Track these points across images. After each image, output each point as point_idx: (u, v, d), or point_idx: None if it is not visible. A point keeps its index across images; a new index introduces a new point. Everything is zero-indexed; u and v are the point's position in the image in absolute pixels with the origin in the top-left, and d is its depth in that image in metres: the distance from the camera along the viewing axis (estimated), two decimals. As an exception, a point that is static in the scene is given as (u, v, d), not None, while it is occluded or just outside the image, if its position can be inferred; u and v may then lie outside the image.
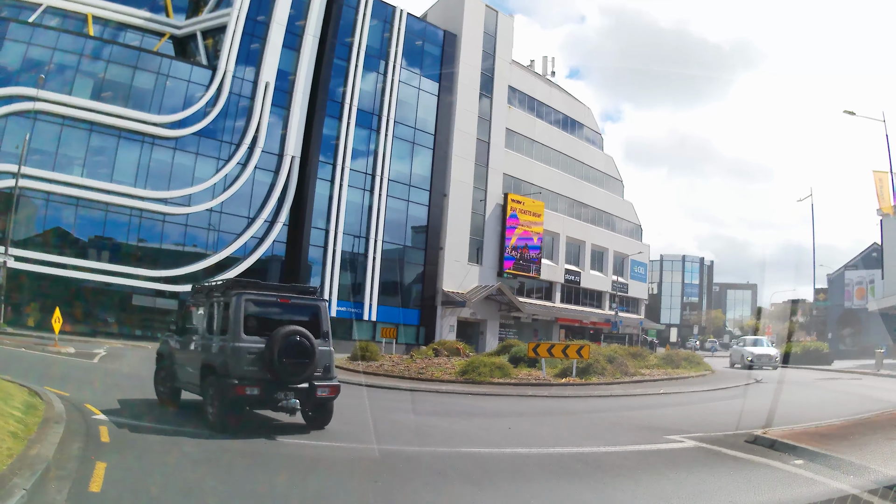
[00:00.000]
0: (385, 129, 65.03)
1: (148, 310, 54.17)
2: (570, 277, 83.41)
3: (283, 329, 15.20)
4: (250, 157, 57.49)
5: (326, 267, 60.58)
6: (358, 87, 63.60)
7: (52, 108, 50.75)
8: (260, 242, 57.67)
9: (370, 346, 41.87)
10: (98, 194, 51.65)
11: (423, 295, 67.49)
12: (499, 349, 44.36)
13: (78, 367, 29.22)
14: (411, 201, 66.88)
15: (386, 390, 28.29)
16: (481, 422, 20.87)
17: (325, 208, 61.14)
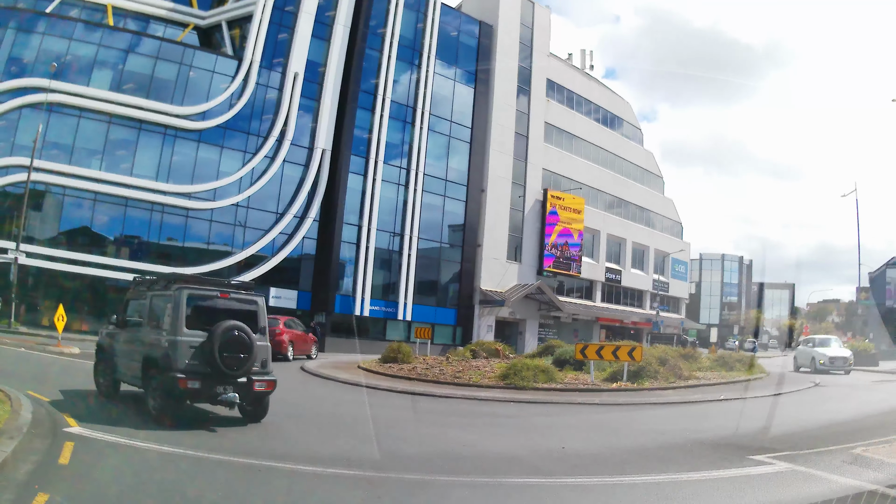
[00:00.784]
0: (420, 123, 59.89)
1: (168, 310, 49.80)
2: (610, 276, 77.74)
3: (224, 324, 14.92)
4: (278, 150, 52.69)
5: (359, 264, 55.54)
6: (391, 79, 58.56)
7: (69, 100, 46.38)
8: (289, 239, 52.80)
9: (403, 347, 36.87)
10: (117, 189, 47.12)
11: (461, 294, 62.26)
12: (540, 350, 39.89)
13: (75, 370, 25.65)
14: (448, 197, 61.67)
15: (417, 397, 24.39)
16: (527, 438, 17.06)
17: (358, 204, 56.17)
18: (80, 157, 46.85)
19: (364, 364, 35.03)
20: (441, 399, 24.28)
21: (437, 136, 61.45)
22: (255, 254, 51.43)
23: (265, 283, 50.93)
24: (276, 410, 16.65)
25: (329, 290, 54.10)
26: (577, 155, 74.88)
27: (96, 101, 47.08)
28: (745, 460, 13.39)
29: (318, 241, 54.66)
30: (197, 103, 50.31)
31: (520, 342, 64.37)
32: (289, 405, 18.84)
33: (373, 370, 32.94)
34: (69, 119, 46.75)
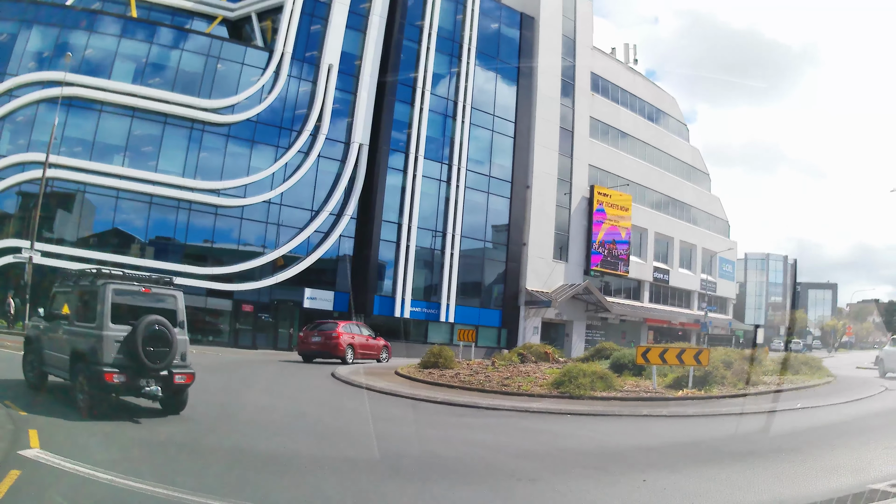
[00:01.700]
0: (462, 116, 54.50)
1: (198, 310, 44.89)
2: (658, 276, 71.74)
3: (147, 318, 14.50)
4: (313, 144, 47.64)
5: (399, 263, 50.38)
6: (431, 72, 53.24)
7: (89, 94, 41.82)
8: (325, 238, 47.69)
9: (444, 351, 31.66)
10: (141, 185, 42.34)
11: (505, 294, 56.67)
12: (591, 353, 34.48)
13: None
14: (491, 193, 56.14)
15: (460, 410, 20.16)
16: (596, 467, 12.51)
17: (398, 201, 50.96)
18: (101, 153, 42.20)
19: (402, 370, 30.39)
20: (487, 413, 19.66)
21: (480, 130, 56.01)
22: (288, 253, 46.50)
23: (299, 284, 46.04)
24: (292, 430, 15.00)
25: (368, 291, 48.94)
26: (623, 151, 68.93)
27: (118, 94, 42.44)
28: (873, 493, 9.44)
29: (356, 240, 49.49)
30: (226, 96, 45.41)
31: (566, 344, 58.72)
32: (308, 424, 16.31)
33: (411, 377, 28.33)
34: (89, 114, 42.30)
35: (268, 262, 45.67)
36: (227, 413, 17.22)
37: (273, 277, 45.55)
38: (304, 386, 26.12)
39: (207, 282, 43.79)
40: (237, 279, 44.65)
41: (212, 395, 18.69)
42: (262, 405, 19.09)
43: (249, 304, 46.09)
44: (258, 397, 21.32)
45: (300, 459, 12.16)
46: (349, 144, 49.24)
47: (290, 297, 47.22)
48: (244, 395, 21.49)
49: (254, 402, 19.75)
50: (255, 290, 45.46)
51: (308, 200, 47.69)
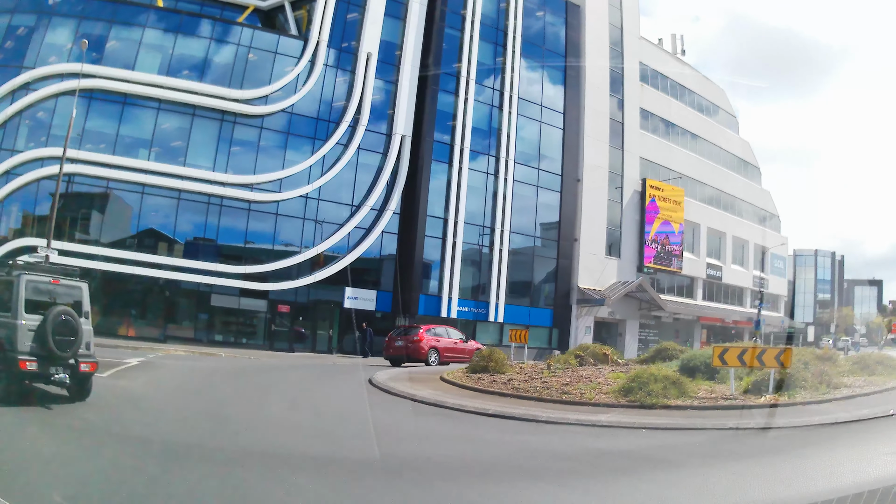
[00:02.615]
0: (509, 107, 49.17)
1: (231, 311, 40.24)
2: (711, 272, 65.49)
3: (55, 308, 14.56)
4: (352, 136, 42.75)
5: (445, 261, 45.14)
6: (475, 60, 47.90)
7: (112, 86, 37.57)
8: (366, 234, 42.66)
9: (495, 354, 26.44)
10: (169, 180, 37.83)
11: (556, 292, 51.11)
12: (652, 354, 29.47)
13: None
14: (541, 187, 50.64)
15: (514, 424, 16.16)
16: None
17: (443, 195, 45.70)
18: (124, 147, 37.77)
19: (449, 375, 25.72)
20: (549, 428, 15.50)
21: (527, 122, 50.59)
22: (327, 251, 41.57)
23: (339, 283, 41.08)
24: (304, 461, 11.17)
25: (412, 290, 43.80)
26: (674, 143, 63.02)
27: (143, 85, 38.03)
28: None
29: (400, 237, 44.35)
30: (258, 86, 40.73)
31: (619, 344, 52.85)
32: (328, 449, 12.63)
33: (459, 383, 23.90)
34: (112, 106, 38.06)
35: (305, 261, 40.79)
36: (221, 430, 13.77)
37: (311, 276, 40.67)
38: (334, 394, 21.98)
39: (241, 281, 39.11)
40: (273, 278, 39.86)
41: (219, 406, 16.82)
42: (277, 419, 15.88)
43: (286, 304, 41.28)
44: (276, 409, 17.80)
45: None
46: (391, 136, 44.28)
47: (330, 296, 42.28)
48: (261, 406, 17.97)
49: (269, 416, 16.29)
50: (291, 289, 40.61)
51: (348, 195, 42.77)
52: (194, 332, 39.32)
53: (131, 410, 15.46)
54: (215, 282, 38.54)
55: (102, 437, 12.03)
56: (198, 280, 38.29)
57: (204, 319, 40.41)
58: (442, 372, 26.98)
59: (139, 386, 19.98)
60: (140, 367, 24.55)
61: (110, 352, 28.27)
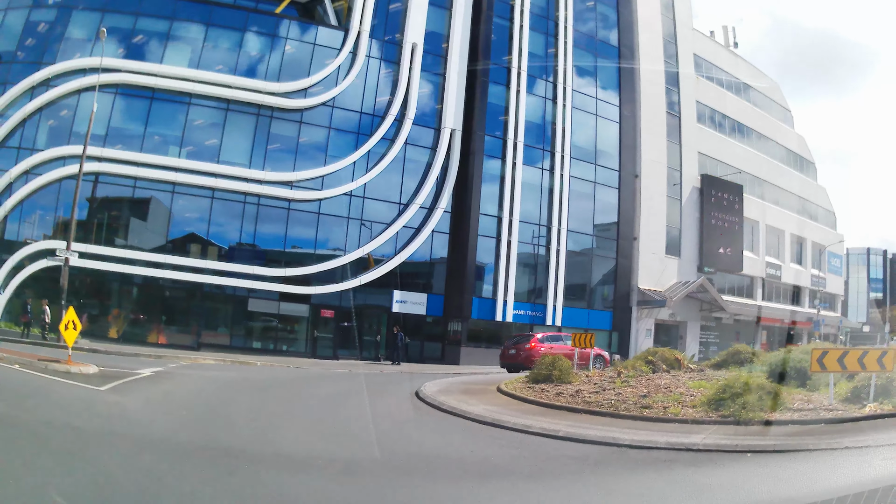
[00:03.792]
0: (563, 99, 43.00)
1: (271, 317, 34.92)
2: (770, 271, 58.83)
3: None
4: (399, 130, 37.28)
5: (500, 261, 39.18)
6: (526, 51, 42.00)
7: (138, 80, 32.68)
8: (415, 234, 37.00)
9: (559, 361, 21.06)
10: (201, 178, 32.70)
11: (616, 294, 45.11)
12: (724, 358, 24.07)
13: (48, 405, 13.85)
14: (598, 183, 44.57)
15: (593, 451, 11.72)
16: None
17: (496, 192, 39.89)
18: (153, 145, 32.88)
19: (507, 385, 20.96)
20: (637, 455, 11.22)
21: (582, 114, 44.45)
22: (373, 251, 36.14)
23: (386, 286, 35.63)
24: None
25: (465, 293, 38.01)
26: (731, 138, 56.68)
27: (172, 79, 33.03)
28: None
29: (451, 236, 38.53)
30: (297, 79, 35.46)
31: (680, 347, 46.62)
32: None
33: (519, 395, 19.12)
34: (139, 102, 33.31)
35: (350, 263, 35.28)
36: (203, 471, 8.82)
37: (357, 279, 35.20)
38: (371, 412, 16.35)
39: (281, 285, 33.71)
40: (315, 281, 34.46)
41: (216, 430, 12.40)
42: (289, 450, 10.95)
43: (329, 309, 35.73)
44: (291, 433, 12.96)
45: None
46: (439, 131, 38.68)
47: (377, 301, 36.76)
48: (272, 430, 13.05)
49: (278, 445, 11.26)
50: (335, 293, 35.08)
51: (395, 193, 37.24)
52: (230, 340, 34.09)
53: (95, 441, 10.23)
54: (253, 285, 33.33)
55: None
56: (234, 284, 33.16)
57: (241, 326, 35.11)
58: (452, 384, 22.73)
59: (134, 402, 15.40)
60: (151, 378, 19.90)
61: (127, 361, 24.01)
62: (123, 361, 23.93)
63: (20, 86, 31.85)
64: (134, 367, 21.87)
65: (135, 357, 26.07)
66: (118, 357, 25.49)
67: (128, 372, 20.15)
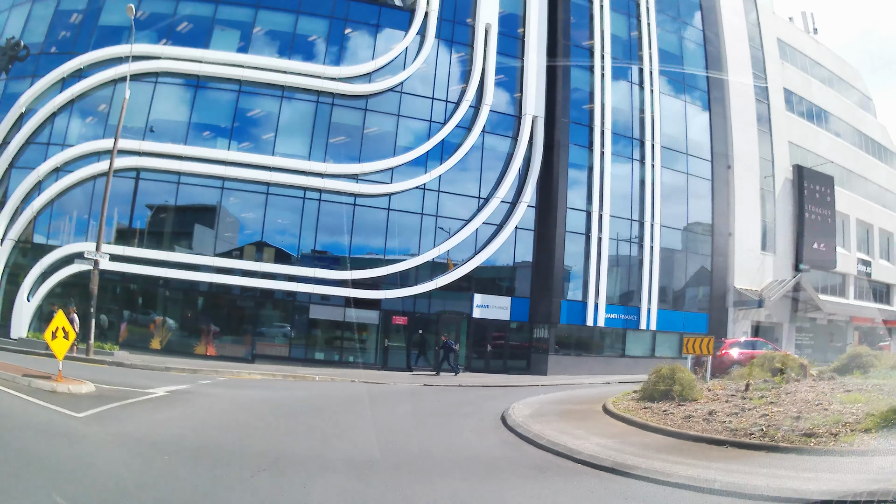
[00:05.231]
0: (650, 84, 35.27)
1: (335, 325, 27.90)
2: (861, 268, 50.15)
3: None
4: (475, 118, 30.19)
5: (590, 259, 31.58)
6: (608, 33, 34.35)
7: (180, 67, 26.46)
8: (497, 231, 29.72)
9: (679, 373, 15.13)
10: (254, 172, 26.09)
11: (711, 294, 37.04)
12: (844, 362, 18.55)
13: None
14: (690, 174, 36.75)
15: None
16: None
17: (584, 184, 32.34)
18: (199, 137, 26.52)
19: (615, 404, 15.42)
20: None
21: (670, 100, 36.47)
22: (450, 250, 29.12)
23: (466, 289, 28.58)
24: None
25: (552, 296, 30.43)
26: (819, 126, 48.40)
27: (219, 65, 26.63)
28: None
29: (536, 233, 31.06)
30: (360, 63, 28.79)
31: (775, 350, 38.92)
32: None
33: (637, 420, 13.42)
34: (183, 90, 27.06)
35: (424, 263, 28.37)
36: None
37: (432, 282, 28.27)
38: (441, 454, 10.77)
39: (347, 289, 26.75)
40: (386, 285, 27.57)
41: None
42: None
43: (402, 315, 28.65)
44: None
45: None
46: (520, 118, 31.46)
47: (455, 305, 29.51)
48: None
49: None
50: (408, 297, 28.17)
51: (473, 186, 30.14)
52: (289, 350, 27.25)
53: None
54: (315, 290, 26.59)
55: None
56: (293, 288, 26.54)
57: (302, 335, 28.14)
58: (545, 406, 16.53)
59: (103, 437, 10.19)
60: (159, 401, 14.56)
61: (149, 376, 18.69)
62: (143, 377, 17.72)
63: (49, 77, 25.99)
64: (149, 385, 16.28)
65: (164, 371, 19.72)
66: (141, 372, 19.34)
67: (135, 391, 15.06)
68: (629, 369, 31.34)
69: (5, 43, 27.95)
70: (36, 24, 27.74)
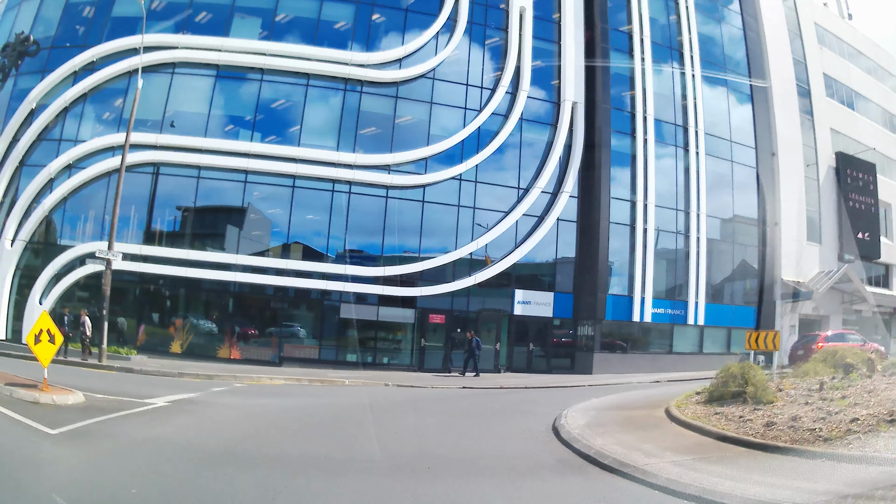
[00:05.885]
0: (691, 68, 31.98)
1: (368, 325, 24.79)
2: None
3: None
4: (512, 104, 27.10)
5: (636, 251, 28.34)
6: (646, 16, 31.14)
7: (199, 56, 23.70)
8: (538, 222, 26.67)
9: (750, 371, 12.16)
10: (279, 164, 23.30)
11: (759, 286, 34.13)
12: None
13: None
14: (735, 162, 33.76)
15: None
16: None
17: (627, 173, 29.07)
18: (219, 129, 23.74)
19: (679, 408, 12.59)
20: None
21: (712, 85, 33.16)
22: (489, 244, 26.11)
23: (505, 285, 25.56)
24: None
25: (597, 290, 27.26)
26: (860, 112, 44.82)
27: (240, 53, 23.86)
28: None
29: (579, 225, 27.82)
30: (388, 48, 25.84)
31: (820, 344, 35.47)
32: None
33: (712, 430, 10.49)
34: (201, 81, 24.10)
35: (462, 258, 25.44)
36: None
37: (470, 278, 25.21)
38: (478, 471, 8.25)
39: (380, 286, 23.96)
40: (421, 282, 24.68)
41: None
42: None
43: (439, 313, 25.62)
44: None
45: None
46: (559, 104, 28.37)
47: (494, 302, 26.47)
48: None
49: None
50: (446, 294, 25.12)
51: (511, 176, 27.07)
52: (319, 352, 24.35)
53: None
54: (346, 288, 23.73)
55: None
56: (323, 287, 23.68)
57: (332, 336, 25.17)
58: (601, 414, 13.55)
59: (67, 463, 7.68)
60: (157, 412, 11.91)
61: (155, 383, 15.95)
62: (148, 384, 15.11)
63: (60, 71, 23.48)
64: (151, 394, 13.56)
65: (176, 378, 17.07)
66: (150, 378, 16.81)
67: (130, 402, 12.38)
68: (676, 367, 28.35)
69: (15, 38, 25.47)
70: (46, 18, 25.28)
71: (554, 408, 13.61)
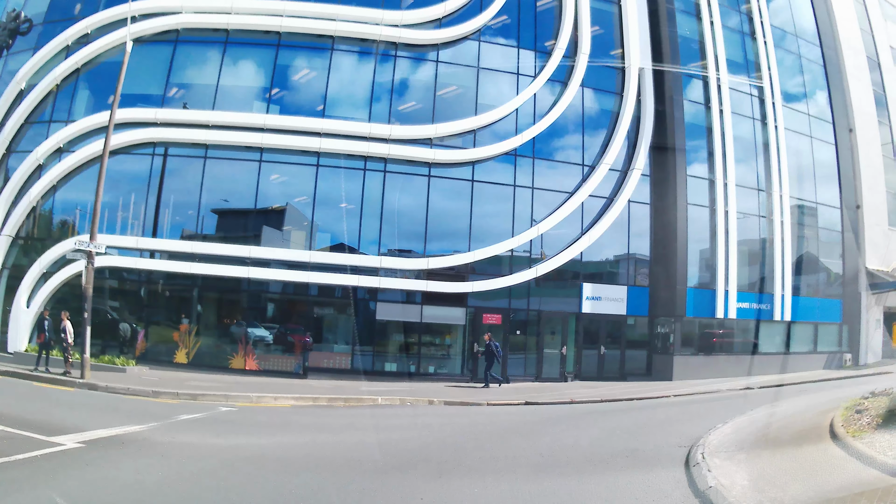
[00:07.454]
0: (762, 34, 25.09)
1: (407, 327, 18.20)
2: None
3: None
4: (571, 71, 20.65)
5: (717, 239, 21.62)
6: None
7: (204, 20, 17.77)
8: (607, 205, 20.15)
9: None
10: (301, 139, 17.06)
11: (843, 277, 27.36)
12: None
13: None
14: (814, 137, 26.87)
15: None
16: None
17: (703, 148, 22.40)
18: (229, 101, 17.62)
19: (854, 434, 6.40)
20: None
21: (783, 53, 26.73)
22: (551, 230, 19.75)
23: (570, 279, 19.05)
24: None
25: (676, 283, 20.71)
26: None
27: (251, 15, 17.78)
28: None
29: (653, 207, 21.21)
30: (427, 5, 19.61)
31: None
32: None
33: None
34: (209, 49, 18.08)
35: (520, 248, 19.11)
36: None
37: (531, 270, 18.82)
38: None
39: (423, 281, 17.67)
40: (472, 276, 18.44)
41: None
42: None
43: (495, 312, 19.15)
44: None
45: None
46: (624, 70, 21.88)
47: (557, 300, 19.94)
48: None
49: None
50: (502, 290, 18.74)
51: (574, 152, 20.63)
52: (351, 361, 17.98)
53: None
54: (382, 284, 17.55)
55: None
56: (354, 283, 17.42)
57: (366, 341, 18.51)
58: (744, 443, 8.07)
59: None
60: (49, 463, 6.38)
61: (111, 406, 11.12)
62: (95, 410, 10.72)
63: (51, 45, 17.95)
64: (79, 426, 8.67)
65: (146, 399, 11.84)
66: (113, 398, 11.60)
67: (24, 442, 7.38)
68: (763, 369, 21.81)
69: (6, 17, 19.95)
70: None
71: (661, 439, 7.72)
